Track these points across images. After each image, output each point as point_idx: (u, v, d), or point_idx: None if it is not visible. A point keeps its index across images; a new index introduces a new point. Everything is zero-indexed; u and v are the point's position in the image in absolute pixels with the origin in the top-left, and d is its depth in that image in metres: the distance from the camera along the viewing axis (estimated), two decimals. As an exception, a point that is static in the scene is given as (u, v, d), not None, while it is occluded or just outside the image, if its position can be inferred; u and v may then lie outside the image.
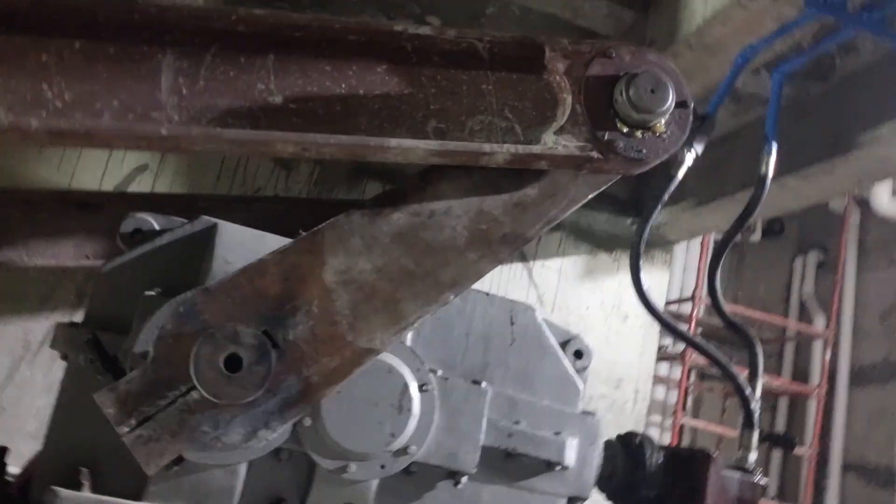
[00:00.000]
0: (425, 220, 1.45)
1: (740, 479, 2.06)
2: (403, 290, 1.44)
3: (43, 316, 4.84)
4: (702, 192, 5.31)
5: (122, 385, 1.34)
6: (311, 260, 1.40)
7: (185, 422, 1.34)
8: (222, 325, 1.35)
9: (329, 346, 1.41)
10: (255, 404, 1.37)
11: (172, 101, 1.25)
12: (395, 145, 1.34)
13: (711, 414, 9.33)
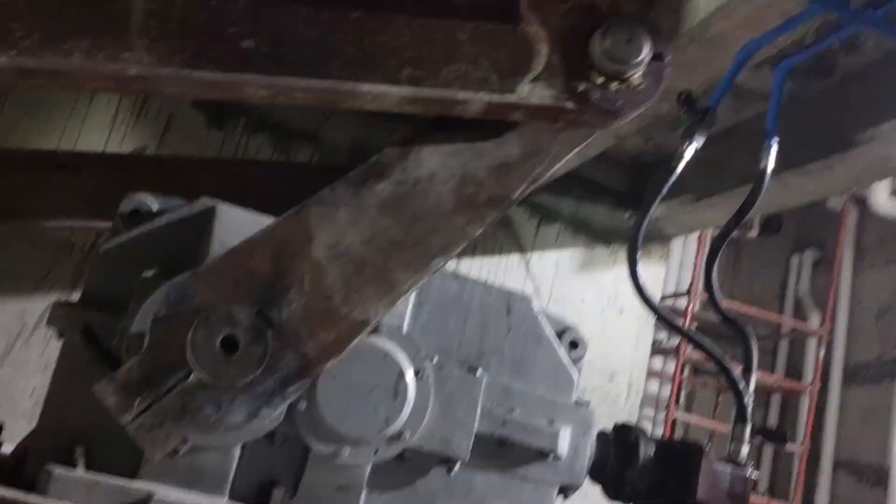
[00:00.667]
0: (410, 189, 1.44)
1: (732, 472, 2.07)
2: (394, 260, 1.44)
3: (40, 295, 4.85)
4: (701, 187, 5.31)
5: (120, 375, 1.34)
6: (300, 236, 1.41)
7: (186, 406, 1.35)
8: (216, 308, 1.35)
9: (324, 321, 1.41)
10: (254, 384, 1.37)
11: (142, 42, 1.25)
12: (367, 91, 1.33)
13: (704, 409, 9.36)
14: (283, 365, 1.39)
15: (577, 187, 5.94)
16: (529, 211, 5.91)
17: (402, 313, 1.85)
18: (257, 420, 1.42)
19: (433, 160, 1.45)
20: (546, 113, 1.43)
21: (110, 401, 1.34)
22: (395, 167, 1.44)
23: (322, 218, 1.41)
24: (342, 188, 1.43)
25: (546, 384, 1.96)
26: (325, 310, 1.41)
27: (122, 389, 1.34)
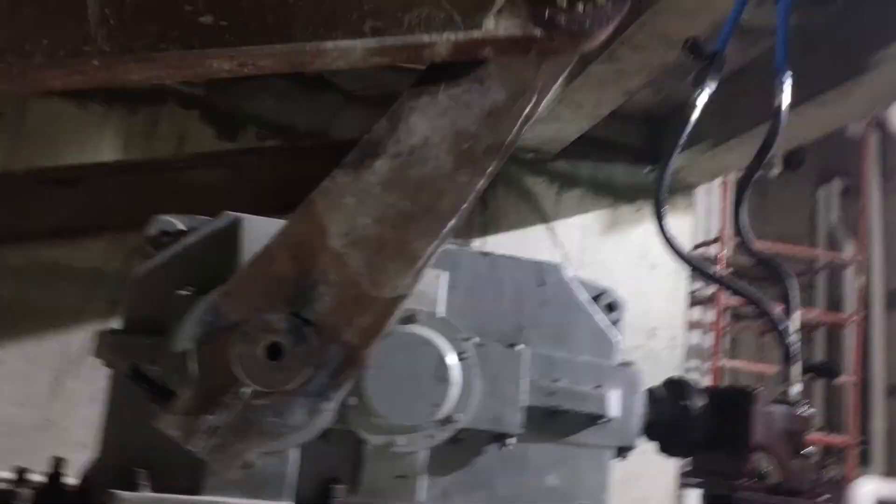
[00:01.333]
0: (407, 159, 1.44)
1: (786, 412, 2.06)
2: (409, 232, 1.45)
3: (79, 327, 4.93)
4: (718, 133, 5.25)
5: (178, 405, 1.36)
6: (313, 232, 1.42)
7: (249, 419, 1.37)
8: (252, 320, 1.36)
9: (357, 307, 1.43)
10: (307, 382, 1.39)
11: (102, 32, 1.26)
12: (332, 48, 1.33)
13: (749, 353, 9.30)
14: (329, 358, 1.41)
15: (594, 149, 5.90)
16: (548, 179, 5.88)
17: (437, 299, 1.86)
18: (318, 416, 1.43)
19: (423, 125, 1.45)
20: (516, 44, 1.43)
21: (175, 432, 1.36)
22: (388, 142, 1.45)
23: (330, 209, 1.42)
24: (342, 175, 1.44)
25: (588, 350, 1.96)
26: (356, 295, 1.42)
27: (183, 419, 1.36)
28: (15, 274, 4.90)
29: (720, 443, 2.03)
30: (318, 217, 1.42)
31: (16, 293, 4.88)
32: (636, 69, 4.41)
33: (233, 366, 1.35)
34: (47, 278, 4.94)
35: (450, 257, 1.92)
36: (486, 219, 5.73)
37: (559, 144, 5.64)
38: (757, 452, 1.98)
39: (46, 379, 4.87)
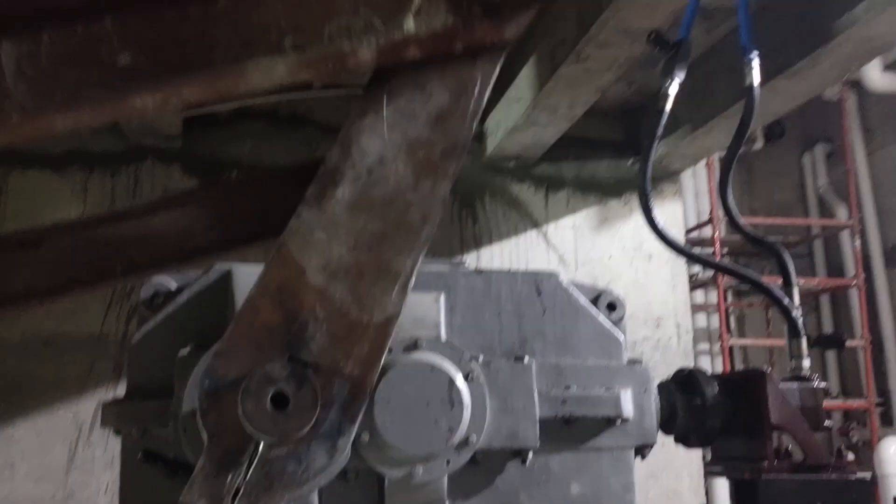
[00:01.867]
0: (367, 180, 1.44)
1: (799, 388, 2.06)
2: (386, 251, 1.44)
3: (87, 394, 4.91)
4: (695, 117, 5.27)
5: (197, 478, 1.35)
6: (291, 274, 1.41)
7: (271, 474, 1.36)
8: (251, 374, 1.35)
9: (352, 337, 1.42)
10: (319, 423, 1.38)
11: (20, 87, 1.26)
12: (254, 69, 1.33)
13: (758, 328, 9.30)
14: (335, 394, 1.40)
15: (574, 148, 5.91)
16: (534, 184, 5.89)
17: (437, 323, 1.86)
18: (339, 453, 1.42)
19: (375, 143, 1.45)
20: (439, 40, 1.42)
21: (201, 503, 1.35)
22: (344, 167, 1.44)
23: (302, 247, 1.42)
24: (306, 211, 1.43)
25: (594, 353, 1.95)
26: (348, 326, 1.42)
27: (205, 489, 1.35)
28: (14, 350, 4.88)
29: (738, 428, 2.03)
30: (293, 258, 1.41)
31: (19, 368, 4.86)
32: (605, 66, 4.42)
33: (243, 424, 1.34)
34: (47, 350, 4.92)
35: (444, 279, 1.92)
36: (477, 231, 5.73)
37: (540, 149, 5.66)
38: (775, 432, 1.97)
39: (61, 450, 4.84)
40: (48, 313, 4.93)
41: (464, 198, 5.75)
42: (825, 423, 2.08)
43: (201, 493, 1.34)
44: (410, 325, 1.85)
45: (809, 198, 9.61)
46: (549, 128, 5.28)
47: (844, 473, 1.97)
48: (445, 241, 5.61)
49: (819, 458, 1.96)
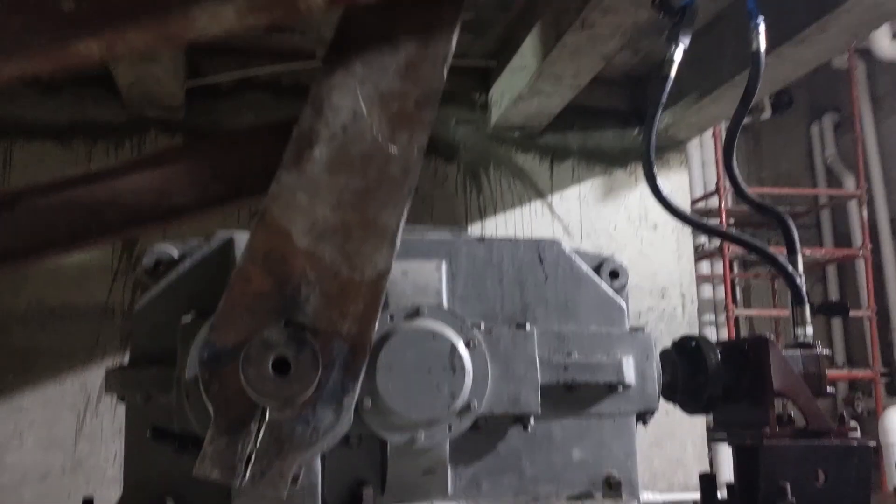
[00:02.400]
0: (343, 138, 1.43)
1: (802, 355, 2.06)
2: (370, 207, 1.43)
3: (95, 364, 4.94)
4: (701, 85, 5.22)
5: (208, 450, 1.35)
6: (277, 239, 1.40)
7: (280, 438, 1.36)
8: (249, 343, 1.35)
9: (345, 297, 1.41)
10: (322, 384, 1.38)
11: None
12: (200, 13, 1.31)
13: (763, 299, 9.30)
14: (335, 354, 1.39)
15: (580, 118, 5.87)
16: (539, 154, 5.86)
17: (439, 290, 1.86)
18: (346, 411, 1.42)
19: (346, 100, 1.43)
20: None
21: (215, 475, 1.35)
22: (319, 127, 1.43)
23: (286, 211, 1.41)
24: (286, 175, 1.42)
25: (596, 320, 1.95)
26: (340, 286, 1.41)
27: (218, 460, 1.35)
28: (20, 320, 4.91)
29: (740, 394, 2.03)
30: (278, 223, 1.40)
31: (25, 339, 4.90)
32: (609, 32, 4.38)
33: (247, 392, 1.35)
34: (54, 321, 4.95)
35: (446, 247, 1.92)
36: (482, 202, 5.72)
37: (545, 118, 5.62)
38: (778, 399, 1.97)
39: (69, 420, 4.89)
40: (54, 284, 4.95)
41: (468, 168, 5.73)
42: (828, 390, 2.08)
43: (214, 465, 1.35)
44: (412, 293, 1.86)
45: (817, 168, 9.55)
46: (554, 97, 5.24)
47: (846, 439, 1.98)
48: (450, 212, 5.60)
49: (821, 424, 1.97)
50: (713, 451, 6.58)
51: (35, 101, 5.15)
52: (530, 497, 1.83)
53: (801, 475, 1.91)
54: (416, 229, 1.99)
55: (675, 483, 5.53)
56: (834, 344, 9.02)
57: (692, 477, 5.46)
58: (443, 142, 5.71)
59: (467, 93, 5.81)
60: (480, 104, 5.82)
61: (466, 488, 1.83)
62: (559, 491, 1.86)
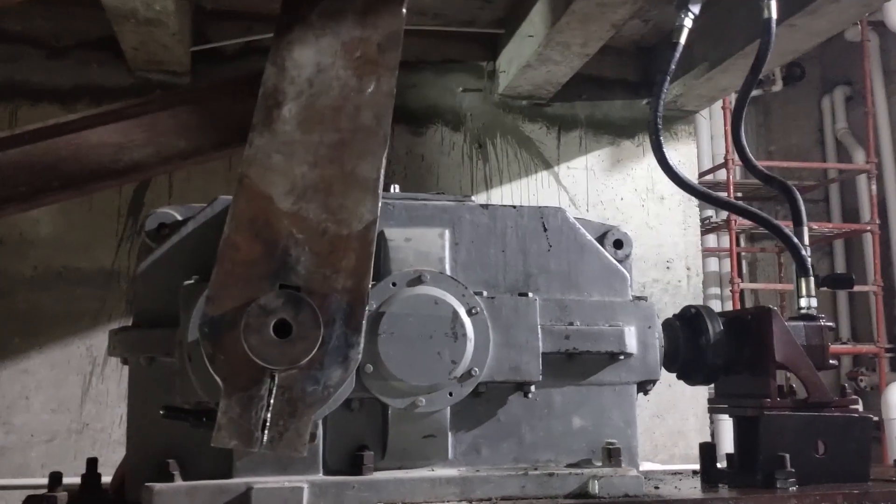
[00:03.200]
0: (310, 91, 1.40)
1: (805, 326, 2.05)
2: (347, 159, 1.41)
3: (100, 328, 4.96)
4: (710, 55, 5.16)
5: (222, 421, 1.36)
6: (259, 204, 1.39)
7: (292, 399, 1.36)
8: (247, 311, 1.35)
9: (335, 252, 1.40)
10: (326, 341, 1.37)
11: None
12: None
13: (769, 274, 9.27)
14: (334, 310, 1.39)
15: (588, 87, 5.83)
16: (546, 124, 5.82)
17: (441, 258, 1.86)
18: (353, 363, 1.41)
19: (308, 53, 1.41)
20: None
21: (233, 444, 1.36)
22: (284, 85, 1.41)
23: (263, 175, 1.39)
24: (258, 138, 1.40)
25: (599, 289, 1.95)
26: (328, 242, 1.40)
27: (234, 429, 1.35)
28: (27, 284, 4.93)
29: (742, 365, 2.03)
30: (257, 188, 1.39)
31: (31, 302, 4.92)
32: (619, 0, 4.32)
33: (252, 359, 1.34)
34: (60, 285, 4.97)
35: (450, 214, 1.91)
36: (488, 171, 5.69)
37: (552, 87, 5.57)
38: (779, 370, 1.97)
39: (75, 383, 4.93)
40: (59, 248, 4.96)
41: (475, 137, 5.70)
42: (830, 362, 2.08)
43: (230, 434, 1.35)
44: (415, 260, 1.85)
45: (827, 142, 9.47)
46: (562, 66, 5.19)
47: (847, 411, 1.98)
48: (456, 182, 5.58)
49: (822, 395, 1.97)
50: (715, 424, 6.61)
51: (40, 65, 5.13)
52: (530, 463, 1.85)
53: (800, 446, 1.91)
54: (420, 196, 1.99)
55: (676, 454, 5.56)
56: (839, 319, 9.00)
57: (693, 449, 5.48)
58: (449, 110, 5.67)
59: (474, 60, 5.76)
60: (488, 72, 5.77)
61: (466, 454, 1.84)
62: (558, 458, 1.87)
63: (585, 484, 1.76)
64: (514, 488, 1.75)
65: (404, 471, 1.77)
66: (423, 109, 5.63)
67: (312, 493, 1.66)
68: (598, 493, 1.74)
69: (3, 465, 4.77)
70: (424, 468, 1.79)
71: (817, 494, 1.80)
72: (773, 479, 1.85)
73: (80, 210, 5.01)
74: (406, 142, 5.57)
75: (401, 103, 5.72)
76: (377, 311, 1.73)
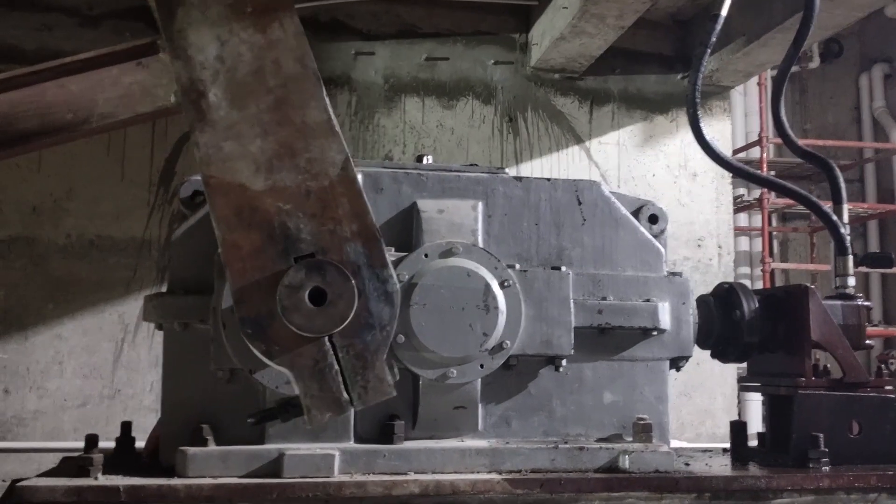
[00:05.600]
0: (226, 68, 1.38)
1: (842, 305, 2.02)
2: (293, 114, 1.38)
3: (132, 296, 5.03)
4: (749, 29, 5.06)
5: (309, 402, 1.37)
6: (236, 196, 1.37)
7: (359, 352, 1.38)
8: (277, 296, 1.35)
9: (328, 205, 1.39)
10: (361, 287, 1.37)
11: None
12: None
13: (800, 254, 9.16)
14: (355, 256, 1.39)
15: (622, 61, 5.75)
16: (578, 98, 5.76)
17: (474, 230, 1.85)
18: (396, 296, 1.41)
19: (203, 33, 1.38)
20: None
21: (329, 418, 1.38)
22: (196, 73, 1.38)
23: (224, 168, 1.38)
24: (199, 135, 1.38)
25: (633, 264, 1.93)
26: (316, 199, 1.38)
27: (322, 405, 1.37)
28: (60, 251, 5.00)
29: (777, 344, 2.00)
30: (225, 182, 1.38)
31: (65, 269, 4.99)
32: (658, -28, 4.25)
33: (305, 337, 1.36)
34: (93, 252, 5.03)
35: (483, 185, 1.90)
36: (518, 146, 5.65)
37: (586, 61, 5.50)
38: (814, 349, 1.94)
39: (108, 350, 5.00)
40: (92, 216, 5.01)
41: (505, 111, 5.65)
42: (867, 342, 2.05)
43: (321, 409, 1.37)
44: (447, 231, 1.85)
45: (864, 120, 9.28)
46: (596, 38, 5.12)
47: (883, 391, 1.95)
48: (485, 155, 5.55)
49: (858, 375, 1.94)
50: (742, 403, 6.57)
51: (74, 33, 5.16)
52: (559, 437, 1.84)
53: (835, 426, 1.89)
54: (453, 167, 1.97)
55: (702, 433, 5.53)
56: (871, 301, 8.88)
57: (720, 427, 5.46)
58: (480, 83, 5.63)
59: (507, 33, 5.70)
60: (520, 45, 5.71)
61: (496, 426, 1.84)
62: (589, 432, 1.87)
63: (616, 458, 1.75)
64: (543, 461, 1.75)
65: (434, 440, 1.78)
66: (454, 82, 5.59)
67: (343, 460, 1.67)
68: (629, 468, 1.73)
69: (37, 429, 4.87)
70: (454, 439, 1.80)
71: (851, 475, 1.78)
72: (806, 458, 1.83)
73: (112, 179, 5.06)
74: (436, 114, 5.54)
75: (431, 76, 5.70)
76: (409, 282, 1.73)
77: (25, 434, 4.85)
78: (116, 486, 1.55)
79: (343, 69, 5.43)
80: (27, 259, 4.96)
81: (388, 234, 1.83)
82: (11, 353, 4.91)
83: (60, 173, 5.01)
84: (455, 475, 1.68)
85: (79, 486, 1.55)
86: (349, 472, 1.67)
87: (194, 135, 1.39)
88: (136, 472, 1.67)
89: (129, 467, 1.72)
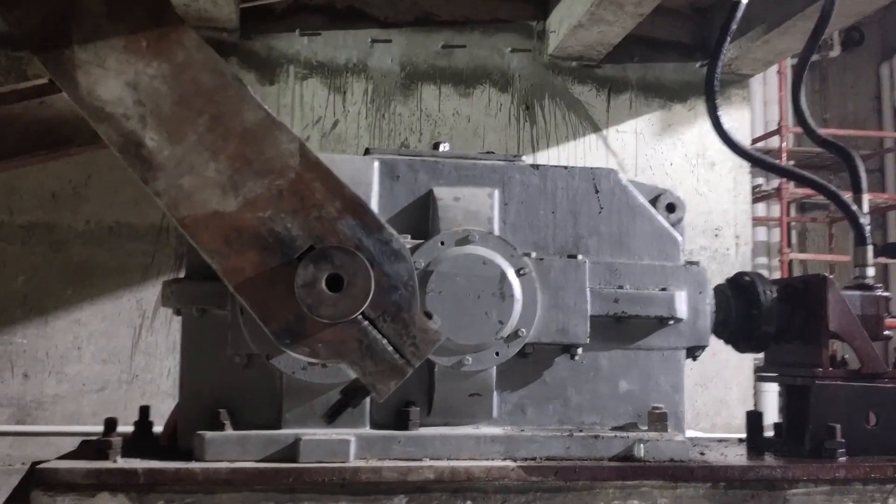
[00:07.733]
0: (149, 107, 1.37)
1: (861, 296, 2.01)
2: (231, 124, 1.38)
3: (150, 283, 5.07)
4: (769, 16, 5.01)
5: (370, 380, 1.39)
6: (216, 226, 1.37)
7: (394, 316, 1.40)
8: (299, 300, 1.36)
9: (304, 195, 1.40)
10: (370, 257, 1.39)
11: None
12: None
13: (819, 244, 9.08)
14: (350, 231, 1.40)
15: (640, 49, 5.71)
16: (596, 86, 5.73)
17: (490, 218, 1.84)
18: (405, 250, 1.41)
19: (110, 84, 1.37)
20: None
21: (394, 386, 1.40)
22: (124, 126, 1.37)
23: (191, 204, 1.37)
24: (155, 183, 1.37)
25: (650, 253, 1.92)
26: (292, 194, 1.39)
27: (383, 377, 1.39)
28: (80, 237, 5.04)
29: (794, 334, 1.99)
30: (199, 216, 1.38)
31: (84, 255, 5.03)
32: (677, -41, 4.22)
33: (341, 328, 1.37)
34: (111, 239, 5.07)
35: (500, 173, 1.89)
36: (535, 134, 5.63)
37: (603, 49, 5.47)
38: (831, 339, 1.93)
39: (126, 335, 5.05)
40: (110, 204, 5.05)
41: (522, 99, 5.63)
42: (885, 333, 2.03)
43: (384, 381, 1.39)
44: (463, 219, 1.85)
45: (885, 110, 9.17)
46: (615, 26, 5.08)
47: (901, 383, 1.93)
48: (502, 144, 5.54)
49: (876, 366, 1.93)
50: (758, 393, 6.54)
51: (93, 20, 5.17)
52: (574, 425, 1.84)
53: (851, 416, 1.88)
54: (470, 154, 1.97)
55: (717, 424, 5.52)
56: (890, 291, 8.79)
57: (735, 418, 5.45)
58: (497, 70, 5.61)
59: (524, 20, 5.67)
60: (537, 32, 5.68)
61: (511, 413, 1.84)
62: (604, 421, 1.87)
63: (631, 447, 1.75)
64: (558, 449, 1.75)
65: (450, 427, 1.79)
66: (471, 70, 5.57)
67: (359, 445, 1.68)
68: (644, 456, 1.73)
69: (56, 413, 4.93)
70: (469, 426, 1.81)
71: (867, 466, 1.77)
72: (822, 448, 1.82)
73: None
74: (453, 102, 5.52)
75: (448, 63, 5.69)
76: (425, 270, 1.73)
77: (45, 418, 4.92)
78: (135, 468, 1.58)
79: (360, 57, 5.43)
80: (47, 245, 5.01)
81: (405, 221, 1.83)
82: (31, 338, 4.96)
83: (79, 160, 5.04)
84: (470, 462, 1.68)
85: (98, 469, 1.58)
86: (365, 458, 1.68)
87: (148, 186, 1.38)
88: (155, 455, 1.69)
89: (148, 451, 1.74)
